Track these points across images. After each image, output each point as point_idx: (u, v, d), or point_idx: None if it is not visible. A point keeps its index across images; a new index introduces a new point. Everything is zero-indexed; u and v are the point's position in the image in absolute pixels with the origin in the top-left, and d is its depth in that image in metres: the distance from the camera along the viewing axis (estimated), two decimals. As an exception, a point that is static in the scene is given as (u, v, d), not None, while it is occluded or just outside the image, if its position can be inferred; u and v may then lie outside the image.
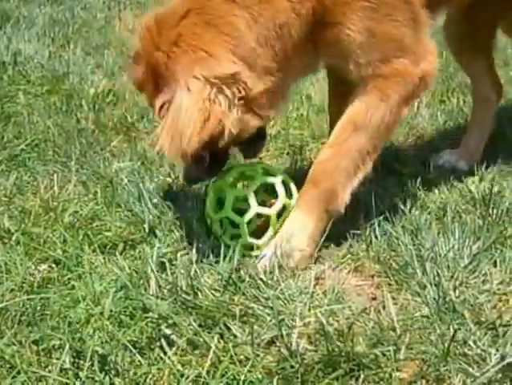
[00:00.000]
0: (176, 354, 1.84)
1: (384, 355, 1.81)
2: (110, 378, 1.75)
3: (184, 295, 2.01)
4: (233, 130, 2.19)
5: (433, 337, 1.89)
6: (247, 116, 2.25)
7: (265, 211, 2.33)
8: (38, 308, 2.01)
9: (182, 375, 1.76)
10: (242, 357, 1.82)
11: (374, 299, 2.15)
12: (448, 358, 1.80)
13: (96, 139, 3.34)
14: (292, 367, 1.77)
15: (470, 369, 1.76)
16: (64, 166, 3.02)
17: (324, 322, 1.86)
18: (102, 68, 4.46)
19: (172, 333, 1.89)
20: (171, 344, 1.86)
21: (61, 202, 2.61)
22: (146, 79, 2.28)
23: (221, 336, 1.90)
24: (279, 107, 2.41)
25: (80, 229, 2.44)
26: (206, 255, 2.26)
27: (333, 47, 2.32)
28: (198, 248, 2.28)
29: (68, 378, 1.75)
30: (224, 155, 2.39)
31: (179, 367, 1.78)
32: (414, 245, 2.32)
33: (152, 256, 2.21)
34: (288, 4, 2.19)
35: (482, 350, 1.82)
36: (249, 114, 2.25)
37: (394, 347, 1.82)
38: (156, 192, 2.68)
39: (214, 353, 1.81)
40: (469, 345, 1.84)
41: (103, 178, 2.87)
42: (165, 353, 1.83)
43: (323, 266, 2.28)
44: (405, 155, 3.21)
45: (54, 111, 3.65)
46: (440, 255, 2.25)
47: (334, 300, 2.06)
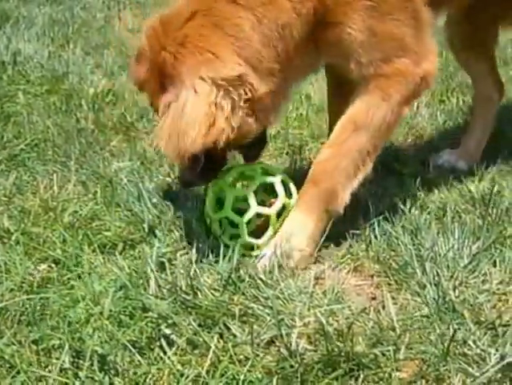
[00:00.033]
0: (175, 353, 1.84)
1: (384, 355, 1.82)
2: (109, 377, 1.75)
3: (183, 295, 2.01)
4: (236, 132, 2.20)
5: (433, 337, 1.89)
6: (251, 119, 2.25)
7: (264, 211, 2.33)
8: (37, 308, 2.01)
9: (182, 375, 1.76)
10: (242, 357, 1.82)
11: (374, 299, 2.15)
12: (447, 357, 1.80)
13: (96, 138, 3.34)
14: (292, 367, 1.77)
15: (470, 369, 1.76)
16: (64, 166, 3.02)
17: (324, 322, 1.86)
18: (101, 68, 4.45)
19: (171, 333, 1.89)
20: (171, 344, 1.86)
21: (60, 202, 2.61)
22: (150, 79, 2.28)
23: (221, 336, 1.90)
24: (281, 109, 2.42)
25: (80, 229, 2.44)
26: (206, 255, 2.26)
27: (334, 47, 2.32)
28: (198, 248, 2.28)
29: (68, 377, 1.74)
30: (222, 159, 2.39)
31: (179, 367, 1.78)
32: (414, 245, 2.32)
33: (152, 256, 2.21)
34: (289, 4, 2.19)
35: (482, 349, 1.82)
36: (253, 116, 2.25)
37: (394, 347, 1.82)
38: (156, 192, 2.68)
39: (214, 353, 1.81)
40: (469, 345, 1.84)
41: (102, 178, 2.87)
42: (165, 353, 1.83)
43: (323, 266, 2.28)
44: (405, 155, 3.21)
45: (53, 111, 3.64)
46: (439, 255, 2.25)
47: (333, 300, 2.06)
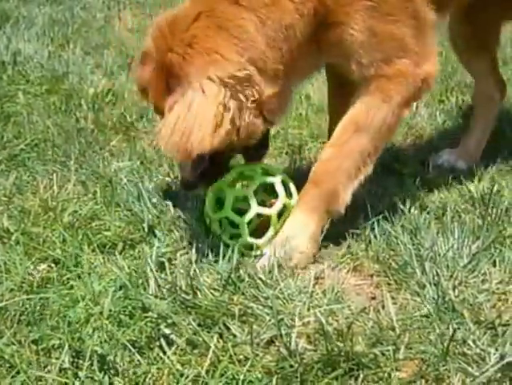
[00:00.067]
0: (175, 353, 1.84)
1: (384, 355, 1.82)
2: (109, 377, 1.75)
3: (183, 295, 2.01)
4: (243, 133, 2.21)
5: (433, 336, 1.89)
6: (258, 120, 2.26)
7: (265, 211, 2.33)
8: (37, 308, 2.01)
9: (181, 375, 1.76)
10: (242, 356, 1.82)
11: (373, 299, 2.15)
12: (447, 357, 1.80)
13: (95, 138, 3.34)
14: (291, 367, 1.77)
15: (469, 368, 1.77)
16: (63, 166, 3.02)
17: (323, 322, 1.86)
18: (101, 68, 4.45)
19: (171, 332, 1.89)
20: (170, 344, 1.86)
21: (60, 202, 2.61)
22: (155, 79, 2.27)
23: (221, 336, 1.90)
24: (286, 110, 2.42)
25: (79, 229, 2.44)
26: (205, 255, 2.26)
27: (336, 47, 2.32)
28: (197, 247, 2.28)
29: (67, 377, 1.75)
30: (226, 161, 2.41)
31: (178, 367, 1.78)
32: (413, 245, 2.32)
33: (152, 255, 2.21)
34: (292, 5, 2.19)
35: (481, 349, 1.82)
36: (260, 117, 2.26)
37: (393, 347, 1.82)
38: (156, 192, 2.68)
39: (213, 352, 1.81)
40: (469, 344, 1.84)
41: (102, 178, 2.87)
42: (165, 352, 1.83)
43: (323, 266, 2.28)
44: (404, 154, 3.22)
45: (53, 111, 3.64)
46: (439, 254, 2.25)
47: (333, 299, 2.06)
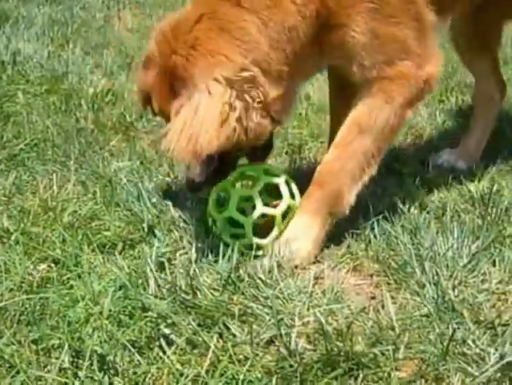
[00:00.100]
0: (175, 353, 1.84)
1: (383, 355, 1.82)
2: (109, 377, 1.75)
3: (183, 295, 2.01)
4: (251, 134, 2.21)
5: (432, 336, 1.89)
6: (265, 120, 2.26)
7: (270, 211, 2.33)
8: (37, 307, 2.01)
9: (181, 375, 1.76)
10: (241, 356, 1.82)
11: (373, 298, 2.15)
12: (447, 357, 1.80)
13: (95, 138, 3.34)
14: (291, 367, 1.77)
15: (469, 368, 1.77)
16: (63, 166, 3.02)
17: (323, 322, 1.86)
18: (101, 68, 4.45)
19: (171, 332, 1.89)
20: (170, 343, 1.86)
21: (60, 202, 2.61)
22: (159, 83, 2.27)
23: (220, 335, 1.90)
24: (291, 110, 2.43)
25: (79, 229, 2.44)
26: (205, 254, 2.26)
27: (338, 49, 2.33)
28: (197, 247, 2.28)
29: (67, 377, 1.74)
30: (233, 162, 2.41)
31: (178, 367, 1.78)
32: (413, 245, 2.32)
33: (151, 255, 2.21)
34: (294, 7, 2.20)
35: (481, 349, 1.82)
36: (266, 118, 2.26)
37: (393, 346, 1.82)
38: (155, 192, 2.68)
39: (213, 352, 1.81)
40: (468, 344, 1.84)
41: (102, 177, 2.87)
42: (164, 352, 1.83)
43: (322, 266, 2.28)
44: (404, 154, 3.22)
45: (53, 111, 3.64)
46: (439, 254, 2.25)
47: (333, 299, 2.06)
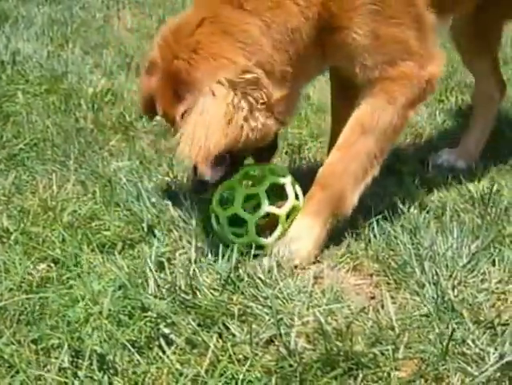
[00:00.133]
0: (174, 353, 1.84)
1: (383, 354, 1.81)
2: (109, 377, 1.75)
3: (182, 294, 2.01)
4: (256, 134, 2.21)
5: (432, 336, 1.89)
6: (270, 121, 2.26)
7: (275, 211, 2.33)
8: (36, 307, 2.01)
9: (181, 374, 1.76)
10: (241, 356, 1.82)
11: (373, 298, 2.15)
12: (446, 357, 1.80)
13: (95, 138, 3.34)
14: (291, 366, 1.77)
15: (469, 368, 1.77)
16: (63, 165, 3.01)
17: (323, 321, 1.86)
18: (100, 67, 4.45)
19: (170, 332, 1.89)
20: (170, 343, 1.86)
21: (60, 201, 2.61)
22: (163, 88, 2.28)
23: (220, 335, 1.90)
24: (294, 111, 2.44)
25: (79, 229, 2.44)
26: (205, 254, 2.26)
27: (340, 51, 2.34)
28: (197, 247, 2.28)
29: (67, 377, 1.74)
30: (241, 161, 2.42)
31: (178, 366, 1.78)
32: (413, 244, 2.32)
33: (151, 255, 2.21)
34: (297, 8, 2.21)
35: (481, 349, 1.83)
36: (271, 119, 2.26)
37: (393, 346, 1.82)
38: (155, 192, 2.68)
39: (213, 352, 1.81)
40: (468, 344, 1.84)
41: (101, 177, 2.87)
42: (164, 352, 1.83)
43: (322, 265, 2.29)
44: (404, 154, 3.22)
45: (52, 111, 3.64)
46: (438, 254, 2.25)
47: (332, 299, 2.06)
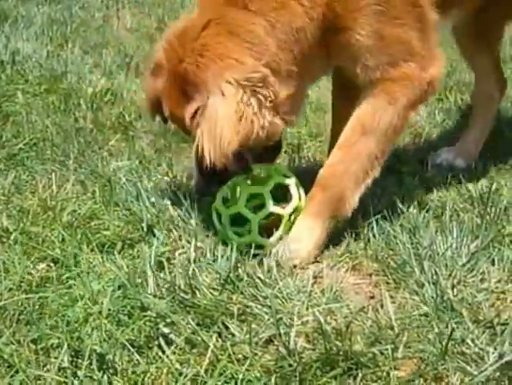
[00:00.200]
0: (174, 352, 1.84)
1: (382, 354, 1.82)
2: (108, 377, 1.75)
3: (182, 294, 2.01)
4: (265, 133, 2.23)
5: (431, 335, 1.89)
6: (277, 120, 2.28)
7: (279, 211, 2.33)
8: (36, 307, 2.01)
9: (180, 374, 1.76)
10: (240, 356, 1.82)
11: (372, 298, 2.15)
12: (446, 356, 1.80)
13: (94, 138, 3.34)
14: (290, 366, 1.77)
15: (468, 367, 1.77)
16: (62, 165, 3.01)
17: (322, 321, 1.86)
18: (100, 67, 4.45)
19: (170, 332, 1.89)
20: (169, 343, 1.86)
21: (59, 201, 2.61)
22: (169, 89, 2.29)
23: (220, 335, 1.90)
24: (300, 110, 2.46)
25: (78, 228, 2.44)
26: (204, 254, 2.26)
27: (344, 51, 2.34)
28: (196, 247, 2.28)
29: (66, 377, 1.74)
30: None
31: (177, 366, 1.78)
32: (412, 244, 2.33)
33: (150, 255, 2.21)
34: (301, 9, 2.22)
35: (480, 348, 1.83)
36: (278, 118, 2.28)
37: (392, 346, 1.83)
38: (154, 191, 2.68)
39: (212, 352, 1.81)
40: (467, 343, 1.85)
41: (101, 177, 2.87)
42: (163, 352, 1.83)
43: (321, 265, 2.29)
44: (403, 153, 3.22)
45: (52, 111, 3.64)
46: (438, 253, 2.25)
47: (332, 299, 2.06)
